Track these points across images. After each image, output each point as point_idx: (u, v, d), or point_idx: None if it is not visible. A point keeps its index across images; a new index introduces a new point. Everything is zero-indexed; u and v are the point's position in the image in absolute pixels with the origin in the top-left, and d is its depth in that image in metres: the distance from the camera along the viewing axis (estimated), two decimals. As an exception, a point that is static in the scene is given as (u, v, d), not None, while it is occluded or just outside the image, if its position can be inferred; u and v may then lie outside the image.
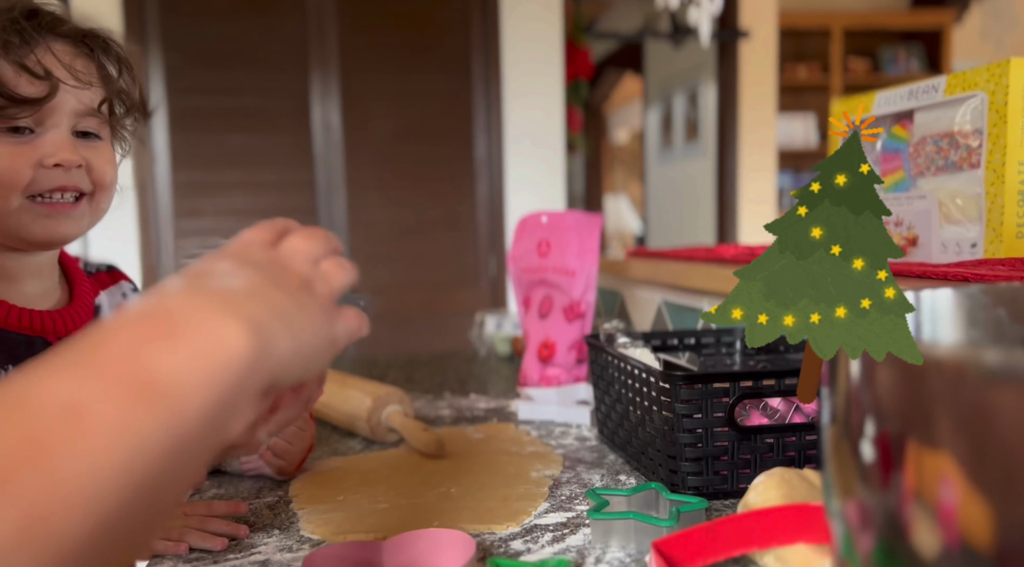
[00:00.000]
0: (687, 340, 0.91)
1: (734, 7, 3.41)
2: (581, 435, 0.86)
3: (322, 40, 2.58)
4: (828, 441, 0.32)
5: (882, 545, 0.28)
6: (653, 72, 4.39)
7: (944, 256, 0.81)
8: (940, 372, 0.25)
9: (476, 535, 0.58)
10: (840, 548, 0.32)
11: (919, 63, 4.39)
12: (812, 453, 0.64)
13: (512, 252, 1.12)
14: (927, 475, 0.26)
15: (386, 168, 2.67)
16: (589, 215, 1.08)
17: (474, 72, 2.71)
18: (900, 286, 0.40)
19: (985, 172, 0.75)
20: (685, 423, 0.63)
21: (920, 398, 0.26)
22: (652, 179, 4.50)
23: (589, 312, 1.05)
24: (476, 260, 2.77)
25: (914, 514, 0.26)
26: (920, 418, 0.26)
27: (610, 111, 6.81)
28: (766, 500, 0.52)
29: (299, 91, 2.58)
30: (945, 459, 0.25)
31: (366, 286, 2.65)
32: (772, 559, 0.49)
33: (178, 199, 2.51)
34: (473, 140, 2.73)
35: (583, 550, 0.55)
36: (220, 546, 0.56)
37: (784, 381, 0.64)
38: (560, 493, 0.66)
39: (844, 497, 0.31)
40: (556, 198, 2.80)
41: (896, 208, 0.87)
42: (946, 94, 0.80)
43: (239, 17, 2.53)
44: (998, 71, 0.73)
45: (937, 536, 0.26)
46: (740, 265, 1.08)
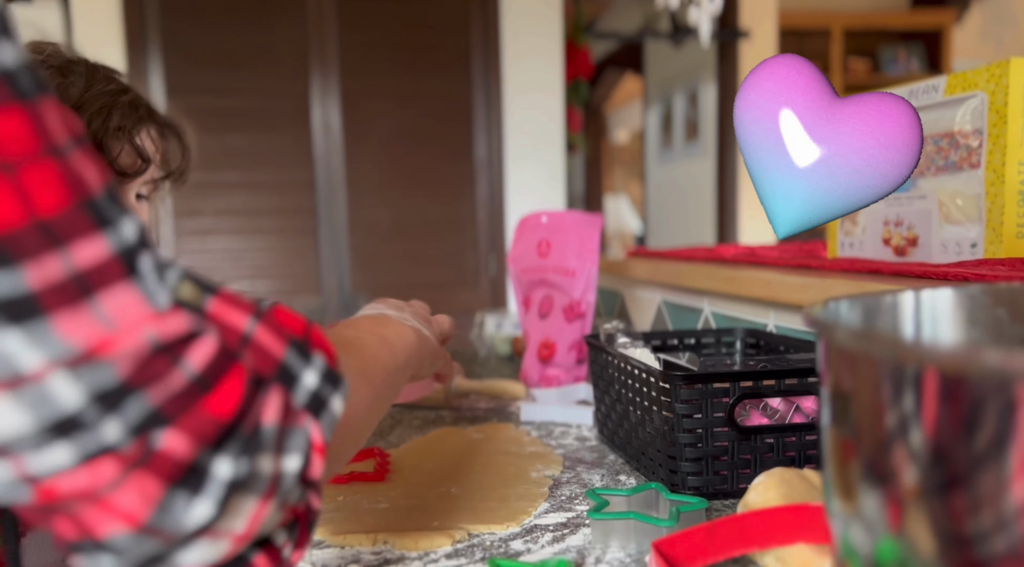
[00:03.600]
0: (687, 340, 0.91)
1: (734, 7, 3.40)
2: (581, 435, 0.86)
3: (322, 40, 2.58)
4: (828, 441, 0.32)
5: (882, 545, 0.28)
6: (653, 72, 4.39)
7: (944, 256, 0.81)
8: (940, 372, 0.25)
9: (476, 535, 0.58)
10: (840, 548, 0.32)
11: (919, 63, 4.38)
12: (812, 453, 0.64)
13: (512, 252, 1.12)
14: (928, 475, 0.26)
15: (386, 168, 2.67)
16: (589, 215, 1.08)
17: (474, 72, 2.71)
18: (900, 286, 0.40)
19: (985, 172, 0.75)
20: (685, 423, 0.63)
21: (921, 398, 0.26)
22: (652, 179, 4.50)
23: (589, 312, 1.05)
24: (476, 260, 2.77)
25: (915, 514, 0.26)
26: (921, 418, 0.26)
27: (610, 111, 6.81)
28: (766, 500, 0.52)
29: (299, 91, 2.58)
30: (946, 459, 0.25)
31: (366, 286, 2.65)
32: (772, 559, 0.49)
33: (178, 199, 2.51)
34: (473, 140, 2.73)
35: (583, 550, 0.55)
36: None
37: (784, 381, 0.64)
38: (560, 493, 0.66)
39: (844, 497, 0.31)
40: (556, 198, 2.80)
41: (896, 208, 0.87)
42: (946, 94, 0.80)
43: (239, 17, 2.53)
44: (998, 71, 0.73)
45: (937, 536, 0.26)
46: (740, 265, 1.08)
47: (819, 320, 0.32)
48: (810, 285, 0.84)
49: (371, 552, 0.55)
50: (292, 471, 0.35)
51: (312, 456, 0.36)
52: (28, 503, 0.30)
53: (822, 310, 0.36)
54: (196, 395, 0.31)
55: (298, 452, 0.35)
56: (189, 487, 0.31)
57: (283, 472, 0.34)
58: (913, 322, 0.40)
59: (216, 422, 0.31)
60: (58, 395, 0.28)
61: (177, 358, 0.30)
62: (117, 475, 0.29)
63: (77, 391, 0.28)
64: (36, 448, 0.28)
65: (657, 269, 1.31)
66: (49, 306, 0.27)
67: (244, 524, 0.33)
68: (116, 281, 0.29)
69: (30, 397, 0.27)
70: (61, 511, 0.30)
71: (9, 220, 0.27)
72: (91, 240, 0.29)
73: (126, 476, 0.29)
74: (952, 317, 0.41)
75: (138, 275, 0.30)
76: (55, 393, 0.28)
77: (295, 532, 0.38)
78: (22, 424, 0.27)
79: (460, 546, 0.56)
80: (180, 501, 0.30)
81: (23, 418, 0.27)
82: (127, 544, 0.30)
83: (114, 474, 0.29)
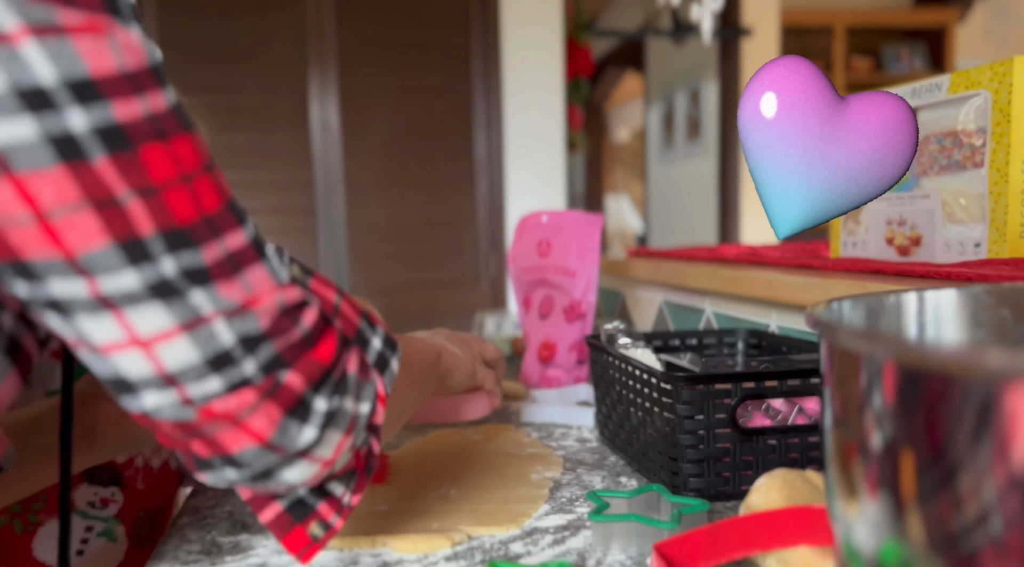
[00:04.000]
0: (689, 341, 0.91)
1: (736, 4, 3.40)
2: (582, 436, 0.85)
3: (320, 38, 2.57)
4: (831, 443, 0.32)
5: (885, 548, 0.28)
6: (654, 70, 4.38)
7: (948, 256, 0.80)
8: (944, 372, 0.25)
9: (476, 538, 0.57)
10: (843, 550, 0.31)
11: (922, 61, 4.38)
12: (815, 455, 0.64)
13: (512, 252, 1.12)
14: (930, 477, 0.25)
15: (385, 167, 2.66)
16: (590, 215, 1.07)
17: (474, 70, 2.71)
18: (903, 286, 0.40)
19: (989, 171, 0.75)
20: (687, 424, 0.62)
21: (924, 399, 0.25)
22: (653, 178, 4.50)
23: (590, 312, 1.05)
24: (476, 260, 2.76)
25: (918, 516, 0.26)
26: (924, 419, 0.25)
27: (611, 109, 6.81)
28: (768, 502, 0.52)
29: (297, 89, 2.57)
30: (948, 461, 0.25)
31: (365, 286, 2.65)
32: (774, 561, 0.49)
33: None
34: (473, 139, 2.73)
35: (584, 552, 0.54)
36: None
37: (787, 382, 0.63)
38: (560, 495, 0.66)
39: (847, 499, 0.30)
40: (556, 197, 2.79)
41: (899, 208, 0.87)
42: (949, 93, 0.79)
43: (237, 15, 2.53)
44: (1001, 70, 0.73)
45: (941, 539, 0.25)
46: (742, 265, 1.07)
47: (822, 320, 0.31)
48: (813, 285, 0.84)
49: (370, 555, 0.55)
50: (364, 414, 0.46)
51: (377, 405, 0.47)
52: (191, 421, 0.40)
53: (825, 310, 0.35)
54: (306, 346, 0.42)
55: (368, 400, 0.46)
56: (300, 416, 0.42)
57: (359, 414, 0.45)
58: (916, 322, 0.40)
59: (321, 366, 0.42)
60: (220, 335, 0.38)
61: (296, 318, 0.42)
62: (254, 402, 0.40)
63: (231, 334, 0.39)
64: (198, 378, 0.38)
65: (658, 269, 1.30)
66: (216, 275, 0.38)
67: (330, 452, 0.44)
68: (253, 261, 0.40)
69: (201, 335, 0.38)
70: (202, 434, 0.40)
71: (190, 216, 0.37)
72: (236, 231, 0.40)
73: (260, 403, 0.40)
74: (955, 317, 0.40)
75: (266, 258, 0.41)
76: (218, 333, 0.38)
77: (353, 481, 0.48)
78: (193, 357, 0.38)
79: (460, 549, 0.55)
80: (294, 426, 0.41)
81: (194, 353, 0.38)
82: (252, 457, 0.41)
83: (252, 401, 0.40)
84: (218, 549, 0.57)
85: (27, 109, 0.33)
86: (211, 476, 0.43)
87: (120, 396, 0.40)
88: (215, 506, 0.66)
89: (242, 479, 0.42)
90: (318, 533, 0.46)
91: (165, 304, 0.37)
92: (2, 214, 0.33)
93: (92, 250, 0.35)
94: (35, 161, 0.33)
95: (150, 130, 0.36)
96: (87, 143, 0.34)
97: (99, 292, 0.36)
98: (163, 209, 0.36)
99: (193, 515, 0.64)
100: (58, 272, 0.35)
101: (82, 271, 0.35)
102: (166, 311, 0.37)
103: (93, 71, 0.34)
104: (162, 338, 0.37)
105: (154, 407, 0.39)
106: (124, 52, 0.35)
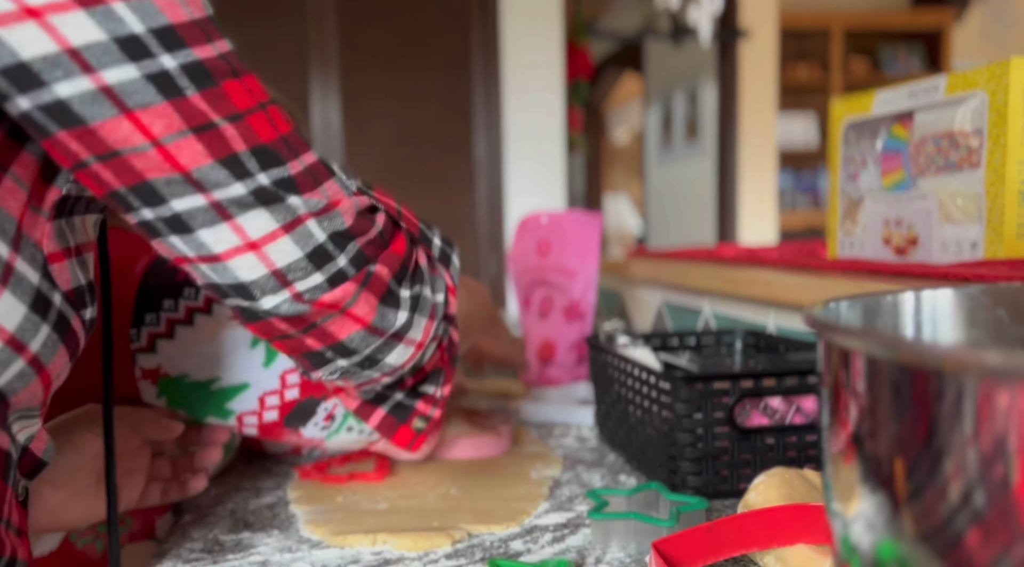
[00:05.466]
0: (687, 340, 0.91)
1: (734, 7, 3.40)
2: (581, 435, 0.86)
3: (322, 40, 2.58)
4: (828, 441, 0.32)
5: (883, 546, 0.28)
6: (653, 72, 4.39)
7: (944, 256, 0.81)
8: (940, 372, 0.25)
9: (476, 536, 0.58)
10: (840, 548, 0.32)
11: (919, 62, 4.39)
12: (813, 453, 0.64)
13: (512, 252, 1.12)
14: (927, 476, 0.26)
15: (386, 168, 2.67)
16: (589, 215, 1.08)
17: (474, 72, 2.71)
18: (900, 286, 0.40)
19: (985, 172, 0.75)
20: (685, 423, 0.63)
21: (920, 398, 0.26)
22: (652, 179, 4.50)
23: (589, 312, 1.05)
24: (476, 260, 2.77)
25: (915, 514, 0.26)
26: (920, 418, 0.26)
27: (610, 111, 6.81)
28: (766, 500, 0.52)
29: (298, 91, 2.58)
30: (945, 460, 0.25)
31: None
32: (772, 559, 0.49)
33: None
34: (473, 140, 2.73)
35: (583, 550, 0.55)
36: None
37: (784, 381, 0.64)
38: (560, 493, 0.66)
39: (844, 497, 0.30)
40: (556, 198, 2.79)
41: (896, 208, 0.87)
42: (946, 94, 0.80)
43: (238, 16, 2.53)
44: (998, 71, 0.73)
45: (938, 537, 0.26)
46: (740, 265, 1.08)
47: (819, 320, 0.32)
48: (810, 285, 0.84)
49: (371, 552, 0.55)
50: (440, 303, 0.54)
51: (449, 296, 0.56)
52: (306, 313, 0.47)
53: (822, 310, 0.36)
54: (383, 244, 0.50)
55: (441, 291, 0.55)
56: (391, 303, 0.51)
57: (437, 303, 0.54)
58: (913, 322, 0.40)
59: (399, 258, 0.51)
60: (314, 232, 0.46)
61: (371, 219, 0.50)
62: (354, 292, 0.48)
63: (323, 232, 0.46)
64: (304, 275, 0.45)
65: (657, 269, 1.31)
66: (301, 186, 0.45)
67: (420, 334, 0.53)
68: (327, 176, 0.47)
69: (300, 234, 0.45)
70: (315, 326, 0.48)
71: (271, 136, 0.44)
72: (306, 151, 0.46)
73: (359, 293, 0.48)
74: (952, 317, 0.41)
75: (335, 174, 0.48)
76: (313, 231, 0.46)
77: (441, 376, 0.57)
78: (296, 254, 0.45)
79: (460, 546, 0.56)
80: (389, 311, 0.50)
81: (297, 250, 0.45)
82: (359, 341, 0.50)
83: (353, 291, 0.48)
84: (220, 547, 0.57)
85: (129, 56, 0.38)
86: (325, 370, 0.51)
87: (242, 304, 0.46)
88: (217, 504, 0.66)
89: (351, 366, 0.51)
90: (421, 426, 0.56)
91: (267, 209, 0.43)
92: (126, 145, 0.39)
93: (202, 166, 0.41)
94: (145, 99, 0.38)
95: (227, 68, 0.42)
96: (181, 81, 0.39)
97: (214, 199, 0.42)
98: (250, 131, 0.42)
99: (195, 513, 0.64)
100: (178, 188, 0.41)
101: (197, 185, 0.41)
102: (269, 215, 0.44)
103: (171, 20, 0.39)
104: (269, 238, 0.44)
105: (272, 306, 0.46)
106: (188, 4, 0.41)
